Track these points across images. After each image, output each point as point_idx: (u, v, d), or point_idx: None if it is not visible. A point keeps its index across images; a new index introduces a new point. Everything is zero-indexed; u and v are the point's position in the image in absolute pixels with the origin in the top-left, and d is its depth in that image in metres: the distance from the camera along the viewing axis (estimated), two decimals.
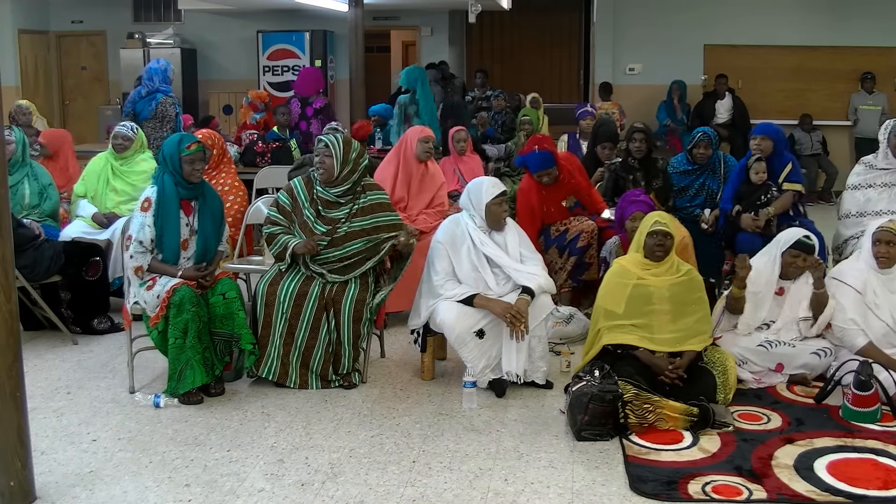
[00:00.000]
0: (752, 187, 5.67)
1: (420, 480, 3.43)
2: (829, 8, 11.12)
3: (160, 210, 4.32)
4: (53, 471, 3.51)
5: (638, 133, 5.96)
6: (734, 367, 4.20)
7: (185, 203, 4.40)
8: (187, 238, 4.40)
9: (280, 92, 12.73)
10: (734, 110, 10.93)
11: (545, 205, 5.66)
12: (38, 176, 5.71)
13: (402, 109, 9.04)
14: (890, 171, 5.52)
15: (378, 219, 4.52)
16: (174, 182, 4.35)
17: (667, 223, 4.25)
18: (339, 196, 4.48)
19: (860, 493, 3.28)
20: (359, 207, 4.50)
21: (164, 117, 7.60)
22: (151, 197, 4.34)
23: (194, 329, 4.15)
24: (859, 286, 4.44)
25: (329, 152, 4.42)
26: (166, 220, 4.33)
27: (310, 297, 4.36)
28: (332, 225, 4.46)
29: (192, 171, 4.34)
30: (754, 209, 5.61)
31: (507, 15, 14.49)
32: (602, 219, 5.70)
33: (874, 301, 4.41)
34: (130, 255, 4.32)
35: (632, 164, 5.97)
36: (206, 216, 4.47)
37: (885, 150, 5.53)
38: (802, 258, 4.47)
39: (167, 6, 13.37)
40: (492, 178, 4.68)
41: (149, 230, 4.31)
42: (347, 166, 4.45)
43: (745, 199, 5.66)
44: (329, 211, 4.49)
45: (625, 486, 3.37)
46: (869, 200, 5.54)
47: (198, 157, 4.37)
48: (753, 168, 5.64)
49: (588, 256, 5.54)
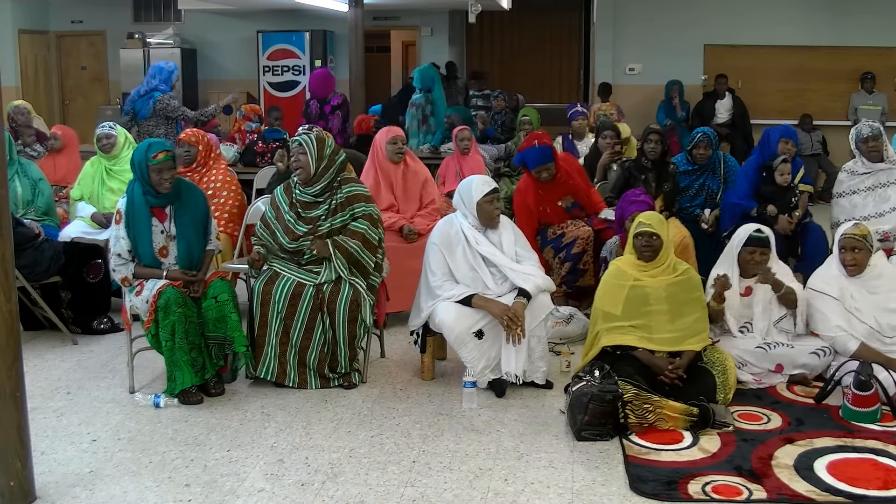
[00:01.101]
0: (778, 189, 5.65)
1: (420, 480, 3.43)
2: (829, 7, 11.12)
3: (130, 221, 4.28)
4: (53, 471, 3.51)
5: (653, 134, 5.98)
6: (734, 367, 4.20)
7: (158, 210, 4.33)
8: (165, 245, 4.34)
9: (280, 92, 12.75)
10: (734, 110, 10.93)
11: (542, 204, 5.65)
12: (28, 172, 5.75)
13: (420, 109, 9.05)
14: (871, 174, 5.58)
15: (355, 209, 4.51)
16: (143, 191, 4.29)
17: (652, 223, 4.24)
18: (316, 195, 4.49)
19: (860, 493, 3.28)
20: (337, 202, 4.50)
21: (167, 110, 7.60)
22: (122, 209, 4.31)
23: (181, 330, 4.14)
24: (836, 293, 4.45)
25: (303, 150, 4.43)
26: (138, 231, 4.29)
27: (304, 297, 4.36)
28: (313, 224, 4.48)
29: (160, 180, 4.25)
30: (788, 211, 5.61)
31: (507, 15, 14.49)
32: (599, 219, 5.69)
33: (854, 305, 4.42)
34: (113, 269, 4.34)
35: (645, 165, 5.98)
36: (185, 219, 4.38)
37: (859, 158, 5.63)
38: (759, 252, 4.48)
39: (167, 6, 13.38)
40: (482, 177, 4.66)
41: (124, 242, 4.30)
42: (323, 162, 4.45)
43: (776, 201, 5.62)
44: (309, 211, 4.50)
45: (625, 486, 3.37)
46: (856, 206, 5.59)
47: (166, 166, 4.25)
48: (780, 170, 5.62)
49: (583, 263, 5.52)
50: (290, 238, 4.47)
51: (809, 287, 4.59)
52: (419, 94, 9.19)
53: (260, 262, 4.50)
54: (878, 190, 5.53)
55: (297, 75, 12.77)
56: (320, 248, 4.40)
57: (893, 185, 5.53)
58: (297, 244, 4.46)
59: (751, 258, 4.49)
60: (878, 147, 5.55)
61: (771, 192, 5.66)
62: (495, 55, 16.28)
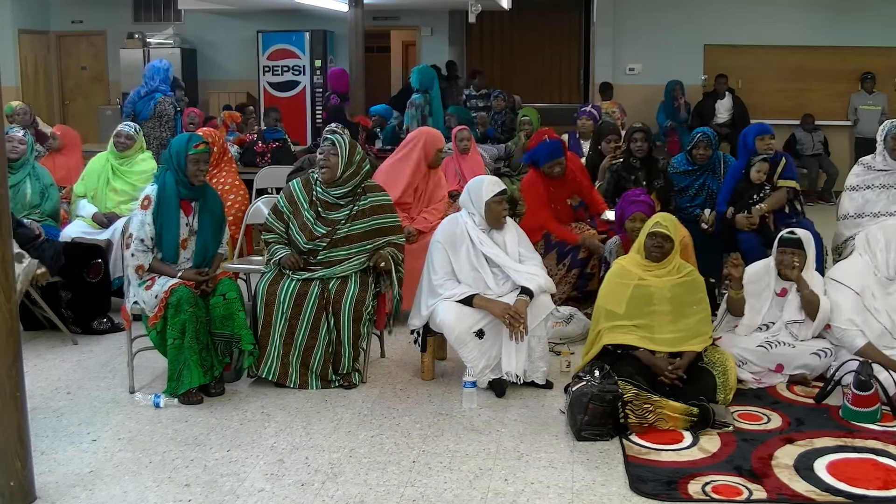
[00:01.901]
0: (747, 188, 5.67)
1: (420, 480, 3.43)
2: (829, 7, 11.12)
3: (160, 208, 4.31)
4: (53, 471, 3.51)
5: (638, 133, 5.98)
6: (734, 368, 4.20)
7: (185, 203, 4.39)
8: (186, 238, 4.39)
9: (280, 92, 12.74)
10: (734, 110, 10.92)
11: (552, 202, 5.67)
12: (40, 176, 5.73)
13: (420, 110, 9.08)
14: (888, 173, 5.51)
15: (378, 221, 4.53)
16: (175, 181, 4.34)
17: (668, 227, 4.25)
18: (339, 198, 4.48)
19: (860, 493, 3.28)
20: (359, 209, 4.50)
21: (163, 117, 7.61)
22: (151, 195, 4.33)
23: (192, 329, 4.15)
24: (857, 287, 4.44)
25: (335, 150, 4.42)
26: (166, 219, 4.32)
27: (309, 297, 4.36)
28: (332, 226, 4.46)
29: (196, 171, 4.33)
30: (747, 208, 5.62)
31: (506, 15, 14.48)
32: (602, 220, 5.70)
33: (873, 304, 4.41)
34: (132, 254, 4.32)
35: (633, 164, 5.98)
36: (206, 218, 4.45)
37: (882, 152, 5.54)
38: (790, 252, 4.48)
39: (167, 6, 13.38)
40: (492, 177, 4.69)
41: (148, 228, 4.31)
42: (351, 168, 4.46)
43: (737, 200, 5.67)
44: (329, 212, 4.49)
45: (625, 486, 3.37)
46: (867, 202, 5.55)
47: (203, 157, 4.35)
48: (757, 167, 5.64)
49: (590, 267, 5.54)
50: (307, 238, 4.46)
51: (830, 277, 4.60)
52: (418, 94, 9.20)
53: (299, 265, 4.43)
54: (893, 189, 5.49)
55: (297, 75, 12.77)
56: (388, 263, 4.47)
57: None
58: (314, 244, 4.46)
59: (782, 258, 4.51)
60: None
61: (740, 191, 5.70)
62: (495, 55, 16.27)
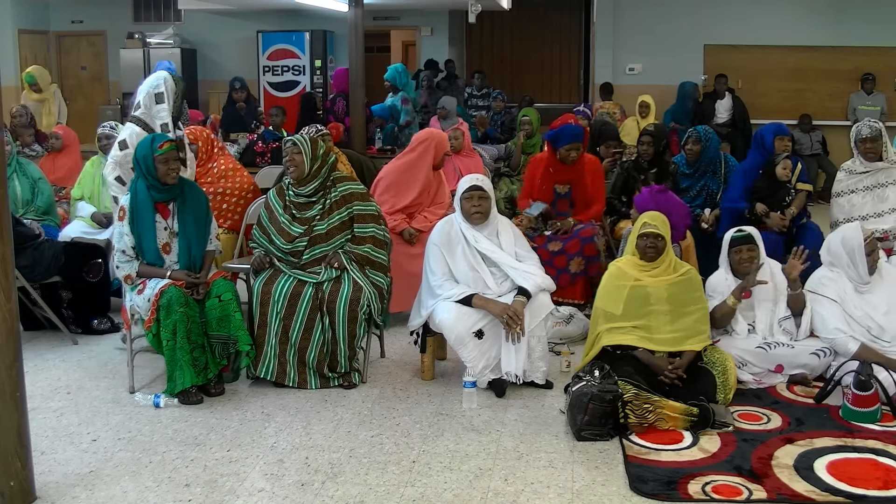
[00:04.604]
0: (773, 186, 5.63)
1: (420, 480, 3.43)
2: (829, 8, 11.13)
3: (135, 217, 4.29)
4: (53, 471, 3.51)
5: (645, 136, 6.14)
6: (734, 367, 4.19)
7: (162, 206, 4.35)
8: (168, 241, 4.36)
9: (280, 92, 12.75)
10: (734, 110, 10.93)
11: (544, 182, 5.78)
12: (28, 172, 5.76)
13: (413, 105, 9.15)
14: (869, 174, 5.58)
15: (352, 208, 4.54)
16: (147, 186, 4.30)
17: (657, 225, 4.26)
18: (310, 195, 4.51)
19: (860, 493, 3.28)
20: (332, 202, 4.52)
21: None
22: (125, 205, 4.32)
23: (182, 330, 4.14)
24: (835, 296, 4.46)
25: (298, 150, 4.47)
26: (142, 227, 4.29)
27: (303, 297, 4.36)
28: (308, 224, 4.49)
29: (167, 171, 4.26)
30: (780, 209, 5.59)
31: (507, 15, 14.47)
32: (527, 215, 5.72)
33: (853, 312, 4.43)
34: (117, 266, 4.35)
35: (643, 165, 6.11)
36: (188, 217, 4.40)
37: (857, 157, 5.63)
38: (746, 249, 4.48)
39: (167, 6, 13.38)
40: (476, 175, 4.65)
41: (128, 238, 4.31)
42: (317, 162, 4.50)
43: (767, 199, 5.61)
44: (303, 212, 4.52)
45: (625, 486, 3.37)
46: (854, 206, 5.59)
47: (171, 155, 4.27)
48: (782, 164, 5.60)
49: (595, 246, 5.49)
50: (286, 240, 4.49)
51: (808, 289, 4.59)
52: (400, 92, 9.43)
53: (264, 266, 4.51)
54: (877, 190, 5.53)
55: (297, 75, 12.78)
56: (340, 263, 4.43)
57: (892, 185, 5.53)
58: (293, 245, 4.48)
59: (739, 258, 4.51)
60: (876, 149, 5.53)
61: (764, 190, 5.66)
62: (495, 55, 16.26)
